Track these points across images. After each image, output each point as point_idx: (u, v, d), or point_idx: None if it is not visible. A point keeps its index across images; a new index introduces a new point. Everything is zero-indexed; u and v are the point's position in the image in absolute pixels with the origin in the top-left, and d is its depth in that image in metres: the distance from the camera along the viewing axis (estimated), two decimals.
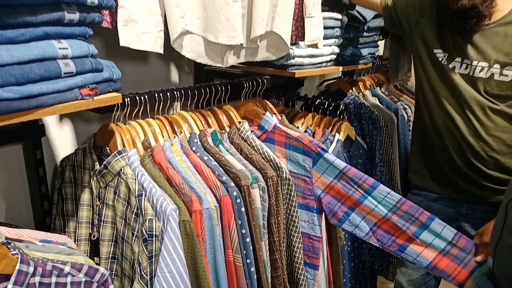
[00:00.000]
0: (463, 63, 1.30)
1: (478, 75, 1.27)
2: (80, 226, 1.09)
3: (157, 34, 0.96)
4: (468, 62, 1.29)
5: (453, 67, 1.31)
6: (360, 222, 1.23)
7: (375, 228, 1.22)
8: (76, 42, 0.79)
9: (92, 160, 1.06)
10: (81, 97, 0.81)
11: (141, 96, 1.09)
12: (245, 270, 1.07)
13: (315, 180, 1.25)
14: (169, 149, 1.06)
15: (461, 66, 1.30)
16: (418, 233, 1.18)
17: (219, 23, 1.02)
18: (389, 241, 1.22)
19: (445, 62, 1.33)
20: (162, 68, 1.50)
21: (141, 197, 0.92)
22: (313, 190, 1.26)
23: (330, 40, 1.48)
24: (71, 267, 0.76)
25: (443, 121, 1.37)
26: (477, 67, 1.27)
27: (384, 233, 1.22)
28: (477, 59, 1.27)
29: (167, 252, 0.87)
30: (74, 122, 1.29)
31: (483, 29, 1.25)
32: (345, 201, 1.23)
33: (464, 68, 1.30)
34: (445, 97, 1.35)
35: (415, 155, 1.54)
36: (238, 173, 1.08)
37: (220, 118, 1.29)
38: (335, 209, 1.25)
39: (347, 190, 1.22)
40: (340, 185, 1.22)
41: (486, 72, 1.26)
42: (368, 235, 1.23)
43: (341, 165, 1.21)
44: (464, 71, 1.30)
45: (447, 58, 1.32)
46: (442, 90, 1.35)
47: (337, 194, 1.23)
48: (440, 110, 1.37)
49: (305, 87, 2.13)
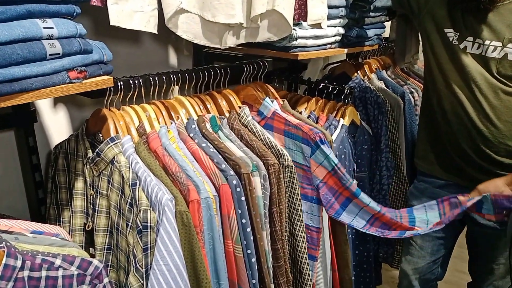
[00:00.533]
0: (475, 42, 1.23)
1: (490, 55, 1.21)
2: (74, 215, 1.05)
3: (150, 12, 0.90)
4: (480, 41, 1.23)
5: (464, 47, 1.25)
6: (358, 214, 1.22)
7: (373, 220, 1.22)
8: (62, 21, 0.75)
9: (84, 147, 1.01)
10: (69, 81, 0.77)
11: (135, 80, 1.04)
12: (246, 260, 1.03)
13: (313, 169, 1.21)
14: (165, 136, 1.01)
15: (472, 46, 1.24)
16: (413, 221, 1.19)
17: (216, 0, 0.95)
18: (387, 231, 1.21)
19: (456, 42, 1.27)
20: (159, 50, 1.45)
21: (135, 187, 0.88)
22: (312, 179, 1.22)
23: (334, 21, 1.41)
24: (62, 260, 0.73)
25: (451, 105, 1.31)
26: (489, 46, 1.21)
27: (382, 224, 1.22)
28: (490, 38, 1.21)
29: (163, 244, 0.83)
30: (68, 107, 1.25)
31: (497, 6, 1.18)
32: (342, 192, 1.21)
33: (476, 48, 1.24)
34: (454, 80, 1.29)
35: (422, 141, 1.49)
36: (238, 160, 1.03)
37: (219, 103, 1.24)
38: (332, 200, 1.22)
39: (344, 182, 1.20)
40: (337, 177, 1.20)
41: (499, 52, 1.20)
42: (366, 227, 1.22)
43: (335, 160, 1.19)
44: (476, 51, 1.24)
45: (458, 38, 1.26)
46: (452, 73, 1.29)
47: (335, 184, 1.21)
48: (449, 93, 1.31)
49: (309, 70, 2.07)
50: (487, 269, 1.43)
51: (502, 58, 1.20)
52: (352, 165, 1.47)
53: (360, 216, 1.22)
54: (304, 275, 1.24)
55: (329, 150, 1.20)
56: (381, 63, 2.06)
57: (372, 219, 1.22)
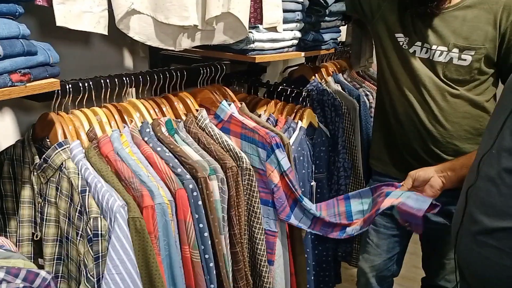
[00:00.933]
0: (423, 47, 1.29)
1: (437, 59, 1.27)
2: (21, 225, 0.99)
3: (100, 13, 0.87)
4: (428, 46, 1.28)
5: (414, 51, 1.30)
6: (302, 218, 1.27)
7: (315, 222, 1.28)
8: (3, 21, 0.72)
9: (31, 153, 0.96)
10: (12, 84, 0.73)
11: (85, 83, 1.00)
12: (203, 265, 1.02)
13: (269, 173, 1.22)
14: (117, 140, 0.98)
15: (421, 51, 1.29)
16: (350, 215, 1.26)
17: (169, 2, 0.94)
18: (329, 230, 1.28)
19: (405, 46, 1.32)
20: (113, 52, 1.40)
21: (85, 194, 0.85)
22: (268, 183, 1.23)
23: (291, 24, 1.42)
24: (5, 272, 0.69)
25: (403, 107, 1.36)
26: (436, 51, 1.26)
27: (323, 225, 1.28)
28: (437, 43, 1.26)
29: (115, 252, 0.80)
30: (14, 111, 1.18)
31: (443, 12, 1.24)
32: (291, 196, 1.25)
33: (424, 53, 1.29)
34: (405, 83, 1.34)
35: (376, 142, 1.53)
36: (194, 164, 1.02)
37: (175, 106, 1.22)
38: (285, 203, 1.24)
39: (291, 187, 1.23)
40: (287, 181, 1.23)
41: (445, 57, 1.26)
42: (311, 227, 1.28)
43: (285, 166, 1.22)
44: (424, 56, 1.29)
45: (408, 43, 1.31)
46: (403, 76, 1.34)
47: (286, 188, 1.24)
48: (400, 96, 1.36)
49: (268, 73, 2.08)
50: (439, 264, 1.50)
51: (448, 62, 1.25)
52: (311, 167, 1.49)
53: (304, 220, 1.27)
54: (263, 277, 1.24)
55: (283, 154, 1.21)
56: (338, 67, 2.10)
57: (314, 221, 1.28)
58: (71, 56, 1.23)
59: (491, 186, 0.77)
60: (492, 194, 0.76)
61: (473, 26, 1.22)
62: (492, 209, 0.77)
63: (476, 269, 0.82)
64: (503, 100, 0.82)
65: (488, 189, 0.77)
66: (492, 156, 0.78)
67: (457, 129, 1.30)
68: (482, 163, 0.81)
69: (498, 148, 0.77)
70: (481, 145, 0.87)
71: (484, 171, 0.80)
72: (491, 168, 0.78)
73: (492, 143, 0.79)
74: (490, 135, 0.82)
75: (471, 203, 0.83)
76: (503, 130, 0.76)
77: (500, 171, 0.75)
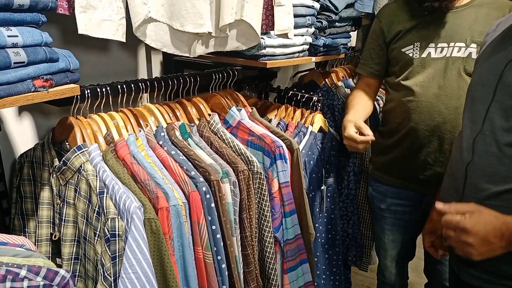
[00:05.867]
0: (437, 47, 1.31)
1: (456, 55, 1.29)
2: (40, 226, 1.03)
3: (118, 21, 0.90)
4: (443, 45, 1.30)
5: (428, 53, 1.32)
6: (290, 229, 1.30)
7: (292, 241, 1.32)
8: (27, 30, 0.74)
9: (51, 156, 1.00)
10: (35, 89, 0.76)
11: (103, 88, 1.04)
12: (216, 267, 1.04)
13: (271, 180, 1.25)
14: (133, 144, 1.01)
15: (435, 51, 1.31)
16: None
17: (185, 10, 0.97)
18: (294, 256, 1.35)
19: (416, 55, 1.33)
20: (128, 58, 1.44)
21: (103, 195, 0.88)
22: (270, 190, 1.26)
23: (301, 30, 1.45)
24: (27, 270, 0.71)
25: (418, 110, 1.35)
26: (454, 47, 1.29)
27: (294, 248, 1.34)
28: (454, 40, 1.29)
29: (131, 252, 0.83)
30: (34, 116, 1.22)
31: (455, 11, 1.28)
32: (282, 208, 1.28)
33: (439, 52, 1.31)
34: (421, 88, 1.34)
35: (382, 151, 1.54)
36: (207, 167, 1.04)
37: (189, 111, 1.24)
38: (276, 214, 1.26)
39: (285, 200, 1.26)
40: (281, 194, 1.26)
41: (464, 52, 1.28)
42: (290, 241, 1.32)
43: (282, 179, 1.25)
44: (440, 55, 1.31)
45: (420, 49, 1.33)
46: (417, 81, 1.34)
47: (280, 200, 1.26)
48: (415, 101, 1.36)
49: (279, 78, 2.11)
50: (436, 269, 1.51)
51: (467, 57, 1.28)
52: (321, 171, 1.51)
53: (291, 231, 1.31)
54: (272, 280, 1.26)
55: (284, 167, 1.24)
56: (348, 72, 2.12)
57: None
58: (89, 62, 1.27)
59: (493, 159, 0.90)
60: (495, 166, 0.89)
61: (486, 23, 1.25)
62: (496, 176, 0.89)
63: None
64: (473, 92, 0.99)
65: (490, 162, 0.90)
66: (486, 136, 0.92)
67: None
68: (476, 142, 0.94)
69: (490, 129, 0.91)
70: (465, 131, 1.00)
71: (480, 149, 0.93)
72: (489, 145, 0.91)
73: (480, 127, 0.93)
74: (474, 121, 0.96)
75: (473, 176, 0.95)
76: (489, 114, 0.91)
77: (500, 145, 0.88)
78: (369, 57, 1.50)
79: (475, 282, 0.99)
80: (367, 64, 1.52)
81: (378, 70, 1.50)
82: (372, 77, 1.52)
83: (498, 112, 0.90)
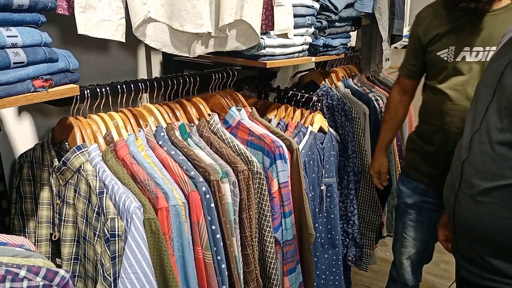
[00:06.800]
0: (473, 51, 1.31)
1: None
2: (40, 226, 1.03)
3: (118, 21, 0.90)
4: (478, 49, 1.30)
5: (463, 57, 1.32)
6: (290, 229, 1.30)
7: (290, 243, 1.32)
8: (27, 30, 0.74)
9: (50, 156, 1.00)
10: (34, 89, 0.76)
11: (102, 88, 1.03)
12: (216, 267, 1.04)
13: (271, 180, 1.25)
14: (133, 144, 1.01)
15: (471, 55, 1.32)
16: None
17: (184, 10, 0.97)
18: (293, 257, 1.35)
19: (451, 59, 1.34)
20: (128, 58, 1.44)
21: (102, 195, 0.88)
22: (269, 190, 1.26)
23: (301, 30, 1.45)
24: (27, 270, 0.71)
25: (452, 113, 1.37)
26: (490, 52, 1.29)
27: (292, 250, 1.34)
28: (489, 44, 1.29)
29: (131, 252, 0.83)
30: (33, 116, 1.22)
31: (492, 14, 1.27)
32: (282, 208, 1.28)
33: (474, 56, 1.31)
34: (455, 92, 1.35)
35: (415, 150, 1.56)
36: (207, 167, 1.04)
37: (188, 111, 1.24)
38: (276, 214, 1.26)
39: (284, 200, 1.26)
40: (281, 194, 1.25)
41: None
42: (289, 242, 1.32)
43: (282, 179, 1.25)
44: (475, 59, 1.31)
45: (454, 53, 1.33)
46: (451, 85, 1.36)
47: (279, 200, 1.26)
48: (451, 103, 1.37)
49: (279, 78, 2.11)
50: None
51: None
52: (321, 171, 1.51)
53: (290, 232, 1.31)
54: (273, 280, 1.26)
55: (283, 167, 1.24)
56: (348, 72, 2.11)
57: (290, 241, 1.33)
58: (89, 62, 1.27)
59: (485, 157, 0.95)
60: (487, 163, 0.95)
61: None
62: (487, 174, 0.95)
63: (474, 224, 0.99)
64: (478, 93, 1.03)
65: (483, 160, 0.96)
66: (481, 135, 0.96)
67: None
68: (472, 141, 0.99)
69: (486, 128, 0.95)
70: (466, 129, 1.04)
71: (475, 147, 0.98)
72: (483, 143, 0.96)
73: (478, 126, 0.98)
74: (474, 120, 1.00)
75: (467, 173, 1.00)
76: (487, 114, 0.96)
77: (493, 144, 0.93)
78: (407, 58, 1.54)
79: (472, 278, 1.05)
80: (404, 64, 1.56)
81: (414, 72, 1.53)
82: (408, 78, 1.56)
83: (495, 112, 0.94)
